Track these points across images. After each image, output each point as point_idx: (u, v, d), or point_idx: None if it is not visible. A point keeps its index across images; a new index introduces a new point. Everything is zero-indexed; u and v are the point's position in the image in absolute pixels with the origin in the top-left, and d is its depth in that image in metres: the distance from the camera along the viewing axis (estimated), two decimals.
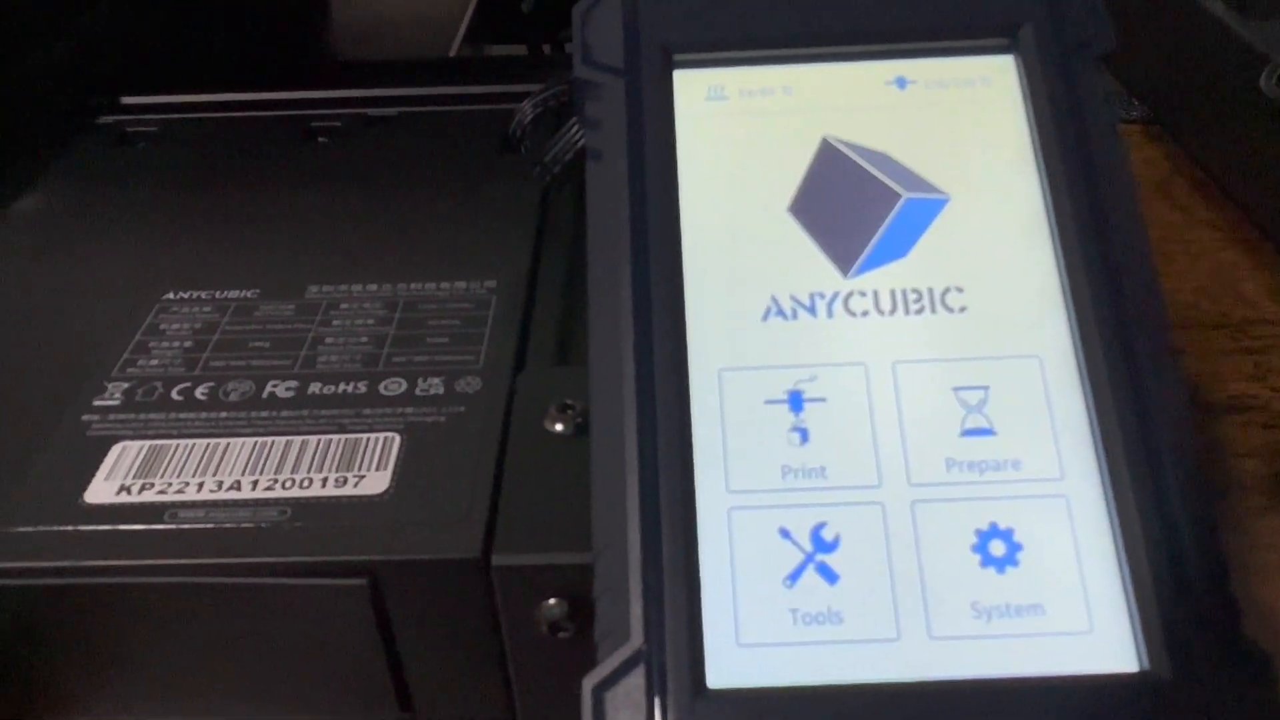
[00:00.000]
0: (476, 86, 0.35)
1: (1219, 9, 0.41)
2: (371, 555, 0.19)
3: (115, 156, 0.32)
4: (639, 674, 0.15)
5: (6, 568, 0.19)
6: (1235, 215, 0.40)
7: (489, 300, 0.25)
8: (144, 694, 0.21)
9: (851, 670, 0.15)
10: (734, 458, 0.17)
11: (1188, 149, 0.43)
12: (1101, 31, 0.19)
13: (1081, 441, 0.17)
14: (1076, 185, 0.18)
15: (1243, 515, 0.28)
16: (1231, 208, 0.40)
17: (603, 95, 0.19)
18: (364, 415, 0.22)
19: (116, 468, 0.21)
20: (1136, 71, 0.48)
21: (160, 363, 0.23)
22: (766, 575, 0.16)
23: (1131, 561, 0.16)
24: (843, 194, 0.19)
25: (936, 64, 0.19)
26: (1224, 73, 0.39)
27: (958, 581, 0.16)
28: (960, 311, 0.18)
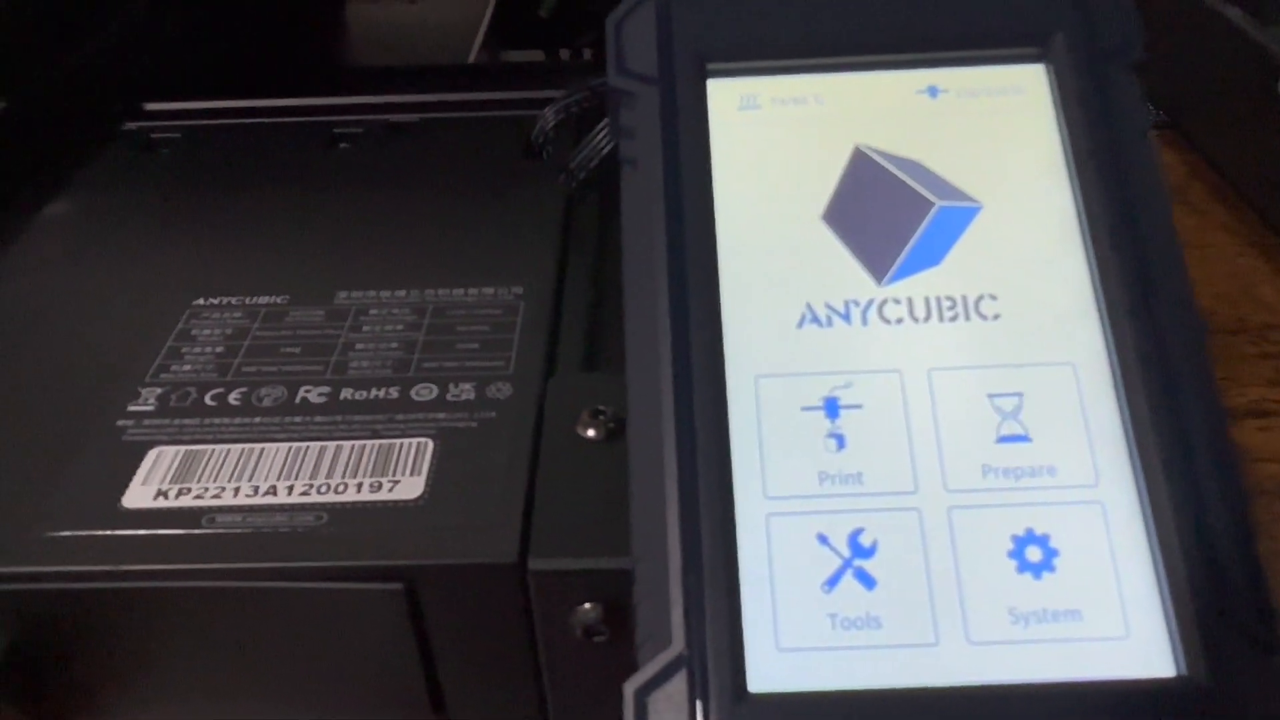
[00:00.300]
0: (496, 93, 0.35)
1: (1236, 15, 0.41)
2: (408, 560, 0.19)
3: (140, 162, 0.33)
4: (681, 679, 0.15)
5: (47, 571, 0.19)
6: (1253, 220, 0.40)
7: (517, 306, 0.25)
8: (180, 697, 0.21)
9: (891, 675, 0.15)
10: (771, 464, 0.17)
11: (1205, 154, 0.44)
12: (1134, 39, 0.19)
13: (1116, 448, 0.17)
14: (1109, 193, 0.18)
15: (1266, 521, 0.28)
16: (1249, 213, 0.40)
17: (637, 104, 0.19)
18: (396, 421, 0.22)
19: (153, 472, 0.21)
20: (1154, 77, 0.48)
21: (193, 368, 0.24)
22: (805, 581, 0.16)
23: (1167, 567, 0.16)
24: (876, 202, 0.19)
25: (968, 73, 0.20)
26: (1241, 78, 0.39)
27: (995, 587, 0.16)
28: (994, 319, 0.18)
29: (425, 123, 0.34)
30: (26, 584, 0.19)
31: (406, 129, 0.34)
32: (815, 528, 0.16)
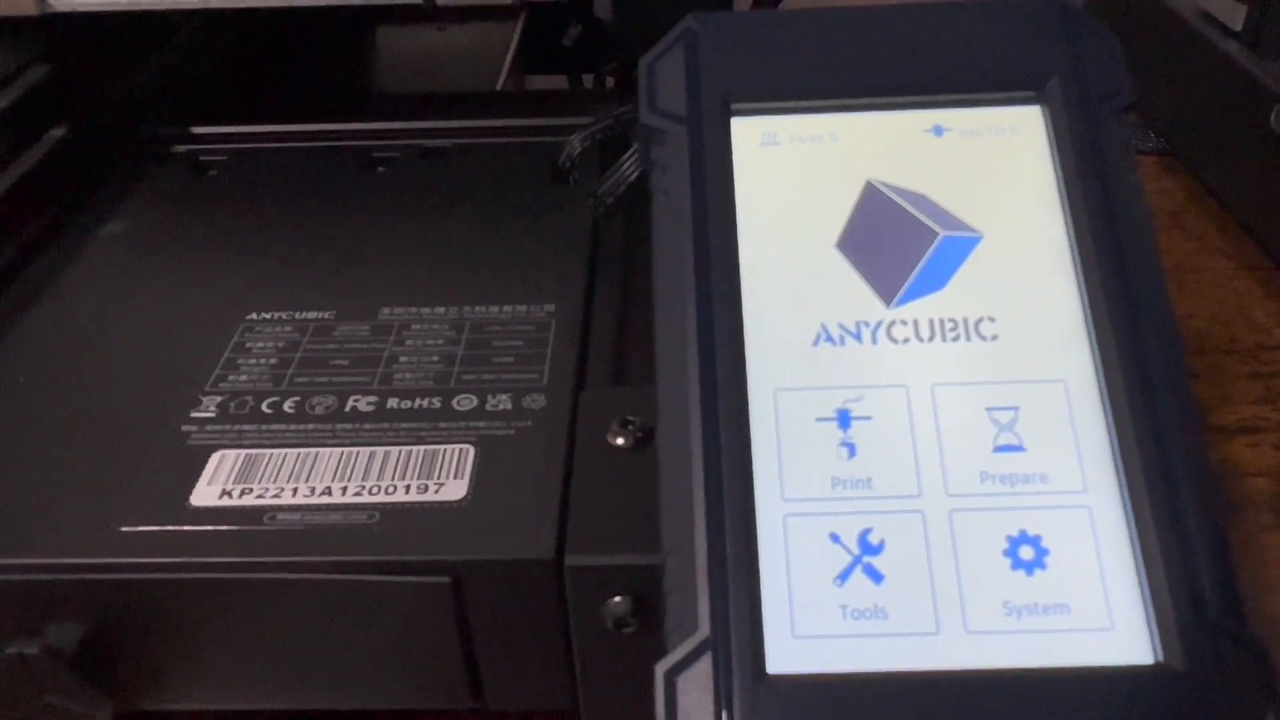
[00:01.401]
0: (524, 120, 0.37)
1: (1232, 47, 0.42)
2: (453, 556, 0.21)
3: (190, 183, 0.35)
4: (706, 661, 0.17)
5: (122, 563, 0.21)
6: (1248, 245, 0.41)
7: (549, 323, 0.27)
8: (239, 681, 0.23)
9: (895, 660, 0.17)
10: (789, 469, 0.19)
11: (1202, 180, 0.45)
12: (1124, 84, 0.21)
13: (1102, 457, 0.18)
14: (1098, 225, 0.20)
15: (1254, 532, 0.30)
16: (1245, 238, 0.42)
17: (667, 140, 0.21)
18: (439, 428, 0.24)
19: (217, 474, 0.23)
20: (1153, 104, 0.49)
21: (249, 378, 0.26)
22: (819, 575, 0.18)
23: (1148, 565, 0.17)
24: (885, 232, 0.20)
25: (971, 114, 0.21)
26: (1236, 108, 0.41)
27: (991, 582, 0.18)
28: (992, 339, 0.20)
29: (458, 148, 0.36)
30: (104, 574, 0.21)
31: (440, 154, 0.35)
32: (829, 527, 0.18)
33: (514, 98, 0.44)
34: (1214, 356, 0.36)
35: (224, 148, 0.36)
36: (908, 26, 0.22)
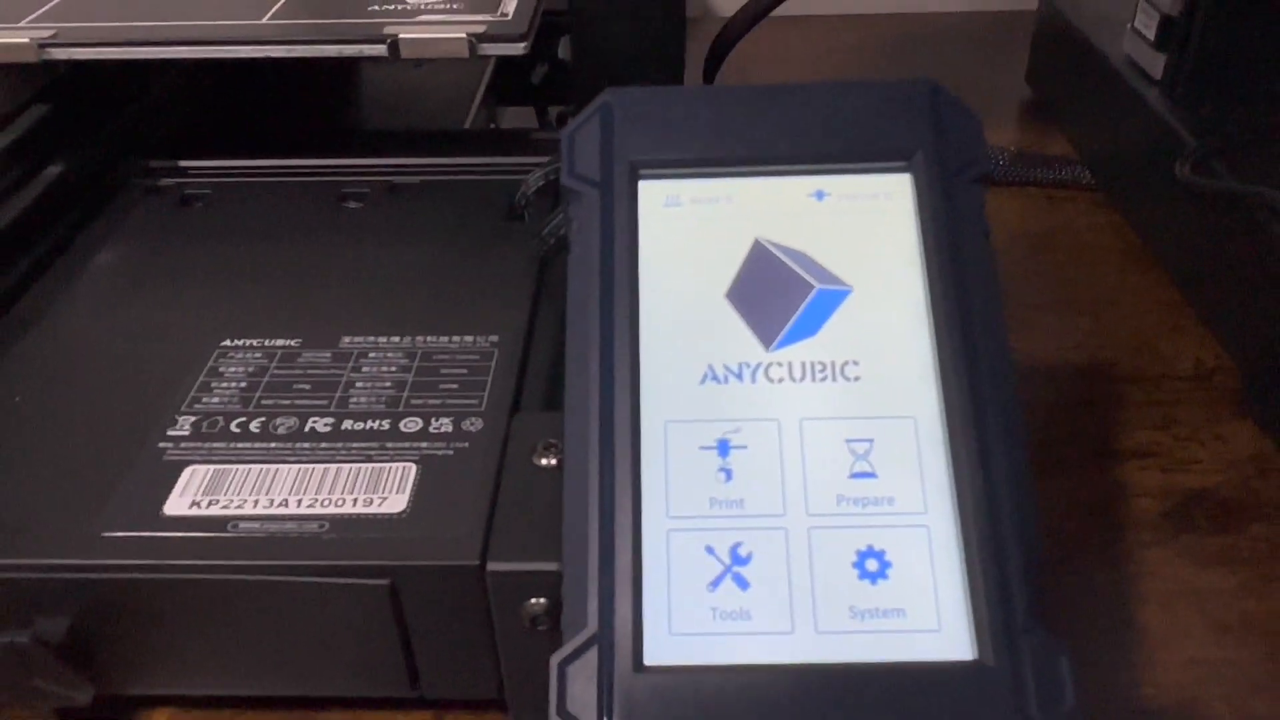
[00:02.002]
0: (487, 158, 0.40)
1: (1152, 94, 0.46)
2: (392, 561, 0.24)
3: (177, 215, 0.38)
4: (593, 653, 0.20)
5: (103, 564, 0.24)
6: (1164, 280, 0.44)
7: (492, 353, 0.30)
8: (205, 671, 0.26)
9: (756, 654, 0.20)
10: (673, 490, 0.22)
11: (1127, 216, 0.48)
12: (979, 158, 0.24)
13: (941, 484, 0.21)
14: (949, 283, 0.23)
15: (1135, 547, 0.33)
16: (1160, 272, 0.45)
17: (583, 200, 0.24)
18: (387, 448, 0.27)
19: (189, 486, 0.26)
20: (1090, 143, 0.53)
21: (221, 400, 0.29)
22: (694, 581, 0.21)
23: (971, 578, 0.20)
24: (769, 284, 0.24)
25: (848, 180, 0.25)
26: (1154, 152, 0.44)
27: (840, 590, 0.21)
28: (855, 380, 0.23)
29: (424, 184, 0.39)
30: (87, 574, 0.24)
31: (406, 190, 0.39)
32: (705, 541, 0.21)
33: (479, 136, 0.47)
34: (1119, 384, 0.39)
35: (209, 180, 0.39)
36: (796, 102, 0.25)
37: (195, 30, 0.36)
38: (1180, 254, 0.44)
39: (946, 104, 0.25)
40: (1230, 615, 0.30)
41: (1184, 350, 0.41)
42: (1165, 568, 0.32)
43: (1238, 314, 0.39)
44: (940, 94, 0.25)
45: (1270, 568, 0.32)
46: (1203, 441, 0.36)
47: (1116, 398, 0.39)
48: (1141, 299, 0.44)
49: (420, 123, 0.48)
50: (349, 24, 0.36)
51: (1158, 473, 0.35)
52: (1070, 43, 0.54)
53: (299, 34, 0.36)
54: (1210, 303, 0.41)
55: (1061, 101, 0.56)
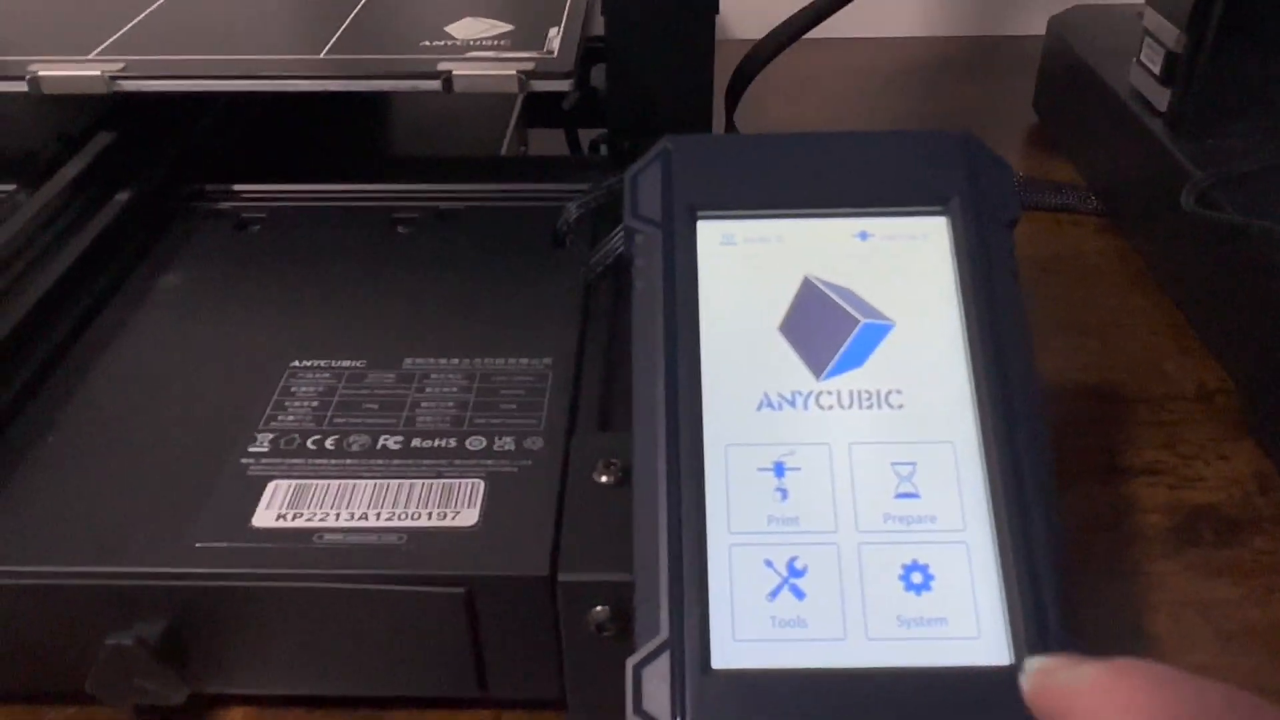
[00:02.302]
0: (528, 184, 0.42)
1: (1157, 126, 0.48)
2: (467, 571, 0.26)
3: (235, 239, 0.40)
4: (665, 657, 0.22)
5: (198, 572, 0.26)
6: (1167, 304, 0.47)
7: (546, 375, 0.32)
8: (290, 670, 0.28)
9: (812, 659, 0.22)
10: (734, 508, 0.24)
11: (1132, 241, 0.51)
12: (1011, 203, 0.26)
13: (979, 503, 0.24)
14: (983, 318, 0.25)
15: (1143, 560, 0.35)
16: (1165, 296, 0.47)
17: (646, 240, 0.26)
18: (455, 465, 0.29)
19: (274, 500, 0.28)
20: (1094, 170, 0.55)
21: (295, 419, 0.31)
22: (755, 592, 0.23)
23: (1007, 589, 0.23)
24: (818, 318, 0.26)
25: (890, 222, 0.27)
26: (1158, 181, 0.47)
27: (888, 600, 0.23)
28: (899, 408, 0.25)
29: (469, 210, 0.41)
30: (183, 581, 0.26)
31: (454, 216, 0.41)
32: (764, 555, 0.23)
33: (518, 163, 0.49)
34: (1126, 404, 0.42)
35: (263, 205, 0.41)
36: (842, 149, 0.27)
37: (259, 65, 0.38)
38: (1184, 280, 0.46)
39: (980, 153, 0.27)
40: (1234, 624, 0.33)
41: (1188, 372, 0.43)
42: (1172, 579, 0.34)
43: (1240, 338, 0.41)
44: (975, 144, 0.27)
45: (1272, 579, 0.34)
46: (1207, 460, 0.39)
47: (1123, 417, 0.41)
48: (1147, 322, 0.46)
49: (456, 147, 0.50)
50: (403, 60, 0.38)
51: (1164, 489, 0.38)
52: (1076, 72, 0.56)
53: (357, 69, 0.38)
54: (1213, 327, 0.44)
55: (1067, 129, 0.58)
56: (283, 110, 0.50)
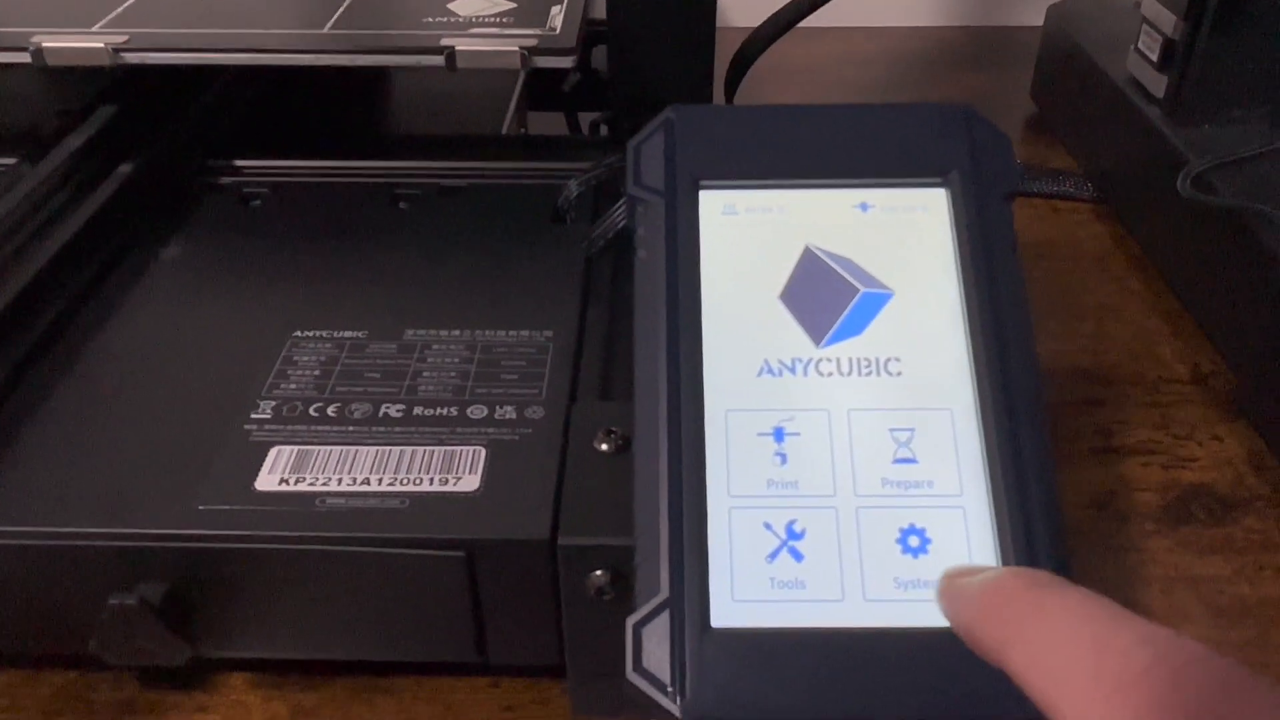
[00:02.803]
0: (529, 162, 0.43)
1: (1154, 113, 0.48)
2: (468, 535, 0.26)
3: (238, 213, 0.40)
4: (665, 616, 0.22)
5: (200, 534, 0.26)
6: (1162, 288, 0.47)
7: (548, 347, 0.32)
8: (292, 634, 0.28)
9: (809, 619, 0.22)
10: (734, 472, 0.24)
11: (1127, 227, 0.51)
12: (1010, 176, 0.26)
13: (976, 469, 0.24)
14: (981, 288, 0.25)
15: (1137, 537, 0.35)
16: (1160, 281, 0.47)
17: (648, 208, 0.27)
18: (457, 433, 0.29)
19: (276, 465, 0.28)
20: (1091, 157, 0.55)
21: (298, 387, 0.31)
22: (754, 554, 0.23)
23: (1003, 552, 0.23)
24: (818, 287, 0.26)
25: (890, 193, 0.27)
26: (1155, 167, 0.47)
27: (885, 563, 0.23)
28: (898, 375, 0.25)
29: (470, 187, 0.41)
30: (187, 543, 0.26)
31: (456, 193, 0.41)
32: (763, 518, 0.23)
33: (519, 141, 0.49)
34: (1121, 386, 0.42)
35: (265, 180, 0.42)
36: (844, 122, 0.27)
37: (262, 39, 0.38)
38: (1179, 264, 0.46)
39: (980, 126, 0.27)
40: (1226, 600, 0.33)
41: (1182, 355, 0.43)
42: (1166, 556, 0.35)
43: (1233, 322, 0.41)
44: (975, 117, 0.27)
45: (1263, 557, 0.34)
46: (1200, 441, 0.39)
47: (1118, 399, 0.41)
48: (1141, 306, 0.46)
49: (457, 126, 0.50)
50: (406, 35, 0.38)
51: (1158, 469, 0.38)
52: (1074, 61, 0.56)
53: (361, 44, 0.38)
54: (1207, 311, 0.44)
55: (1065, 116, 0.59)
56: (286, 86, 0.50)
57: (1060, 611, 0.18)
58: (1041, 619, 0.18)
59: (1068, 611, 0.18)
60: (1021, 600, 0.19)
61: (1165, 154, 0.46)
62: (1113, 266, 0.49)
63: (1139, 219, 0.50)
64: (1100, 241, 0.51)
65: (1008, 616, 0.19)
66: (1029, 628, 0.18)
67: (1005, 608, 0.19)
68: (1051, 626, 0.18)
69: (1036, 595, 0.19)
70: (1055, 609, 0.18)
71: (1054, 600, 0.18)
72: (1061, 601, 0.18)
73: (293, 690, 0.30)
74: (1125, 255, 0.50)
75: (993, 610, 0.19)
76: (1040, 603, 0.18)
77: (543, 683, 0.30)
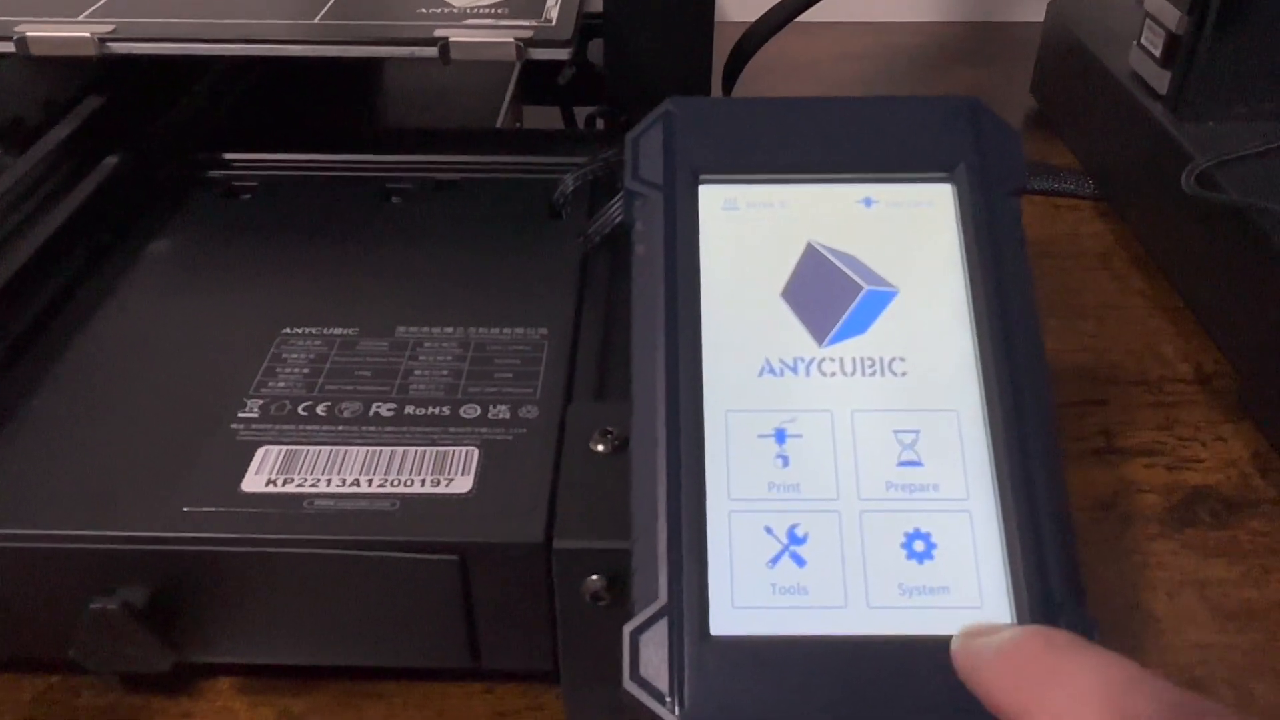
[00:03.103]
0: (524, 157, 0.42)
1: (1157, 109, 0.48)
2: (461, 538, 0.26)
3: (226, 207, 0.39)
4: (663, 623, 0.22)
5: (184, 536, 0.26)
6: (1165, 287, 0.46)
7: (542, 345, 0.31)
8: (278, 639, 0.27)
9: (812, 626, 0.22)
10: (734, 475, 0.23)
11: (1129, 225, 0.50)
12: (1018, 172, 0.26)
13: (983, 472, 0.23)
14: (989, 286, 0.24)
15: (1141, 540, 0.35)
16: (1162, 279, 0.47)
17: (647, 203, 0.26)
18: (449, 433, 0.28)
19: (263, 465, 0.27)
20: (1093, 154, 0.55)
21: (286, 385, 0.30)
22: (755, 559, 0.22)
23: (1011, 558, 0.22)
24: (821, 284, 0.25)
25: (895, 189, 0.26)
26: (1158, 164, 0.46)
27: (889, 568, 0.22)
28: (902, 375, 0.24)
29: (465, 181, 0.40)
30: (171, 546, 0.26)
31: (449, 187, 0.40)
32: (764, 522, 0.23)
33: (514, 135, 0.49)
34: (1124, 386, 0.41)
35: (255, 174, 0.41)
36: (847, 114, 0.27)
37: (251, 29, 0.37)
38: (1183, 263, 0.46)
39: (987, 120, 0.26)
40: (1232, 604, 0.32)
41: (1186, 355, 0.43)
42: (1171, 559, 0.34)
43: (1237, 321, 0.41)
44: (982, 111, 0.26)
45: (1269, 560, 0.34)
46: (1204, 442, 0.38)
47: (1123, 399, 0.41)
48: (1144, 305, 0.46)
49: (451, 120, 0.50)
50: (399, 25, 0.38)
51: (1162, 470, 0.37)
52: (1076, 56, 0.56)
53: (353, 35, 0.37)
54: (1211, 309, 0.43)
55: (1066, 113, 0.58)
56: (276, 78, 0.49)
57: (1079, 677, 0.18)
58: (1060, 685, 0.18)
59: (1086, 677, 0.18)
60: (1039, 664, 0.19)
61: (1168, 151, 0.45)
62: (1114, 265, 0.49)
63: (1141, 217, 0.49)
64: (1102, 239, 0.50)
65: (1026, 683, 0.19)
66: (1049, 694, 0.18)
67: (1023, 672, 0.19)
68: (1071, 694, 0.17)
69: (1055, 659, 0.18)
70: (1074, 673, 0.18)
71: (1072, 664, 0.18)
72: (1079, 665, 0.18)
73: (281, 695, 0.29)
74: (1127, 253, 0.49)
75: (1010, 675, 0.19)
76: (1059, 668, 0.18)
77: (537, 688, 0.30)
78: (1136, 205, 0.50)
